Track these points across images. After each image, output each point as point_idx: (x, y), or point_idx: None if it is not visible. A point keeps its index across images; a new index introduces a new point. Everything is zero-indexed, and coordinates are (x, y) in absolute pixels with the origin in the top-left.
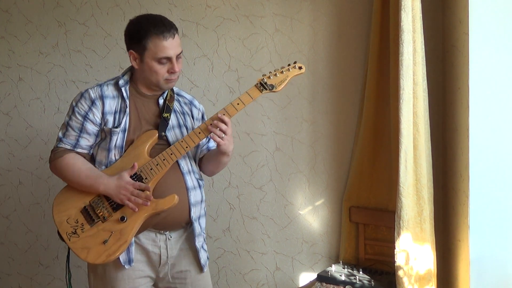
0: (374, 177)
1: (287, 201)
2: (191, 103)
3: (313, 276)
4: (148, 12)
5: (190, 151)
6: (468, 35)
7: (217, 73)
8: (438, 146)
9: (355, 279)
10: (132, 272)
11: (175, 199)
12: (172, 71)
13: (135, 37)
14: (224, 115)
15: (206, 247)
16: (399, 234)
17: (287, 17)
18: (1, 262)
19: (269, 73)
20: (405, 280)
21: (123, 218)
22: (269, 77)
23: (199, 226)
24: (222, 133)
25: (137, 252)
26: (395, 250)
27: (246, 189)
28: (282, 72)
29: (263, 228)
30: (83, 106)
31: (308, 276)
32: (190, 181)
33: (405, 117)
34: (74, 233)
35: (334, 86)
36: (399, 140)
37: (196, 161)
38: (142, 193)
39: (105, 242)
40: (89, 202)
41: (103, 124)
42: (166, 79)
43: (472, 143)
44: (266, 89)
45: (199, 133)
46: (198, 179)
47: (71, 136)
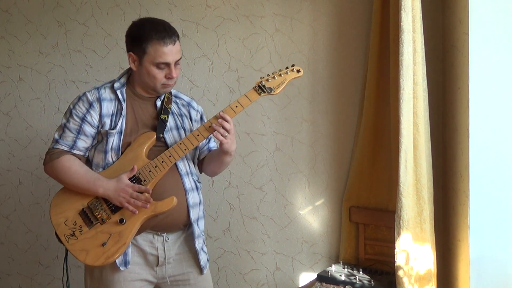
0: (374, 177)
1: (287, 201)
2: (189, 104)
3: (313, 276)
4: (148, 12)
5: (189, 153)
6: (468, 35)
7: (217, 73)
8: (438, 146)
9: (355, 279)
10: (129, 274)
11: (174, 201)
12: (170, 76)
13: (136, 40)
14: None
15: (206, 249)
16: (399, 234)
17: (287, 17)
18: (1, 262)
19: (267, 75)
20: (405, 280)
21: (122, 220)
22: (268, 79)
23: (198, 228)
24: (226, 132)
25: (134, 254)
26: (395, 250)
27: (246, 189)
28: (280, 75)
29: (263, 228)
30: (81, 109)
31: (308, 276)
32: (188, 183)
33: (405, 117)
34: (73, 235)
35: (334, 86)
36: (399, 140)
37: (195, 163)
38: (141, 195)
39: (103, 244)
40: (87, 204)
41: (100, 127)
42: (163, 84)
43: (472, 143)
44: (265, 92)
45: (197, 136)
46: (196, 181)
47: (68, 138)
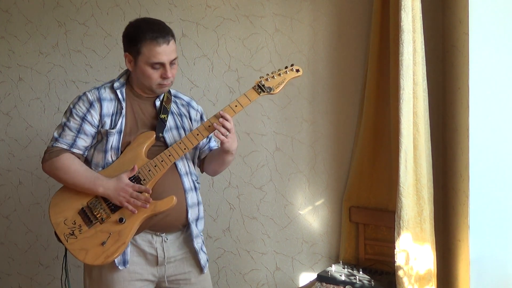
0: (374, 177)
1: (287, 201)
2: (188, 104)
3: (313, 276)
4: (148, 12)
5: (188, 152)
6: (468, 35)
7: (217, 73)
8: (438, 146)
9: (355, 279)
10: (128, 274)
11: (173, 200)
12: (165, 76)
13: (131, 40)
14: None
15: (205, 249)
16: (399, 234)
17: (287, 17)
18: (1, 262)
19: (266, 75)
20: (405, 280)
21: (121, 220)
22: (267, 79)
23: (196, 228)
24: (227, 131)
25: (134, 254)
26: (395, 250)
27: (246, 189)
28: (279, 74)
29: (263, 228)
30: (81, 108)
31: (308, 276)
32: (188, 183)
33: (405, 117)
34: (72, 234)
35: (334, 86)
36: (399, 140)
37: (195, 163)
38: (141, 195)
39: (103, 243)
40: (87, 203)
41: (100, 126)
42: (158, 84)
43: (472, 143)
44: (264, 91)
45: (197, 135)
46: (195, 181)
47: (68, 136)
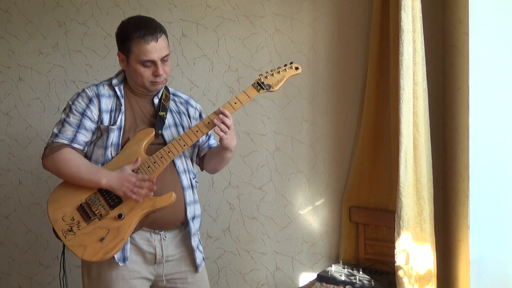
0: (374, 177)
1: (287, 201)
2: (187, 102)
3: (313, 276)
4: (148, 12)
5: (187, 150)
6: (468, 35)
7: (217, 73)
8: (438, 146)
9: (355, 279)
10: (127, 273)
11: (173, 196)
12: (157, 74)
13: (121, 39)
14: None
15: (201, 248)
16: (399, 234)
17: (287, 17)
18: (1, 262)
19: (266, 73)
20: (405, 280)
21: (120, 216)
22: (266, 77)
23: (193, 226)
24: (226, 128)
25: (133, 252)
26: (395, 250)
27: (246, 189)
28: (279, 72)
29: (263, 228)
30: (81, 104)
31: (308, 276)
32: (186, 181)
33: (405, 117)
34: (70, 230)
35: (334, 86)
36: (399, 140)
37: (193, 161)
38: (145, 182)
39: (102, 239)
40: (85, 199)
41: (99, 122)
42: (151, 81)
43: (472, 143)
44: (263, 89)
45: (196, 132)
46: (193, 179)
47: (68, 132)
